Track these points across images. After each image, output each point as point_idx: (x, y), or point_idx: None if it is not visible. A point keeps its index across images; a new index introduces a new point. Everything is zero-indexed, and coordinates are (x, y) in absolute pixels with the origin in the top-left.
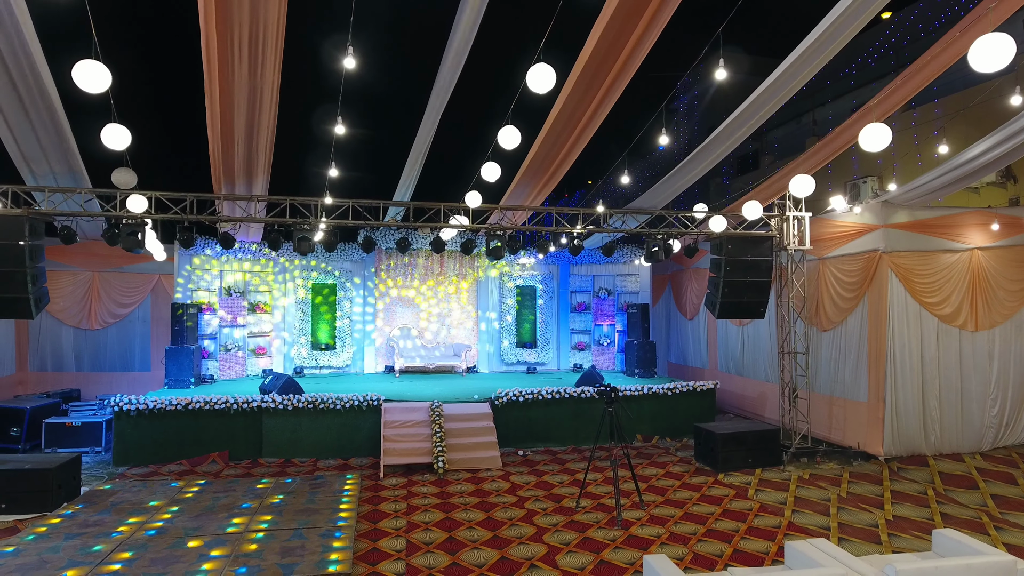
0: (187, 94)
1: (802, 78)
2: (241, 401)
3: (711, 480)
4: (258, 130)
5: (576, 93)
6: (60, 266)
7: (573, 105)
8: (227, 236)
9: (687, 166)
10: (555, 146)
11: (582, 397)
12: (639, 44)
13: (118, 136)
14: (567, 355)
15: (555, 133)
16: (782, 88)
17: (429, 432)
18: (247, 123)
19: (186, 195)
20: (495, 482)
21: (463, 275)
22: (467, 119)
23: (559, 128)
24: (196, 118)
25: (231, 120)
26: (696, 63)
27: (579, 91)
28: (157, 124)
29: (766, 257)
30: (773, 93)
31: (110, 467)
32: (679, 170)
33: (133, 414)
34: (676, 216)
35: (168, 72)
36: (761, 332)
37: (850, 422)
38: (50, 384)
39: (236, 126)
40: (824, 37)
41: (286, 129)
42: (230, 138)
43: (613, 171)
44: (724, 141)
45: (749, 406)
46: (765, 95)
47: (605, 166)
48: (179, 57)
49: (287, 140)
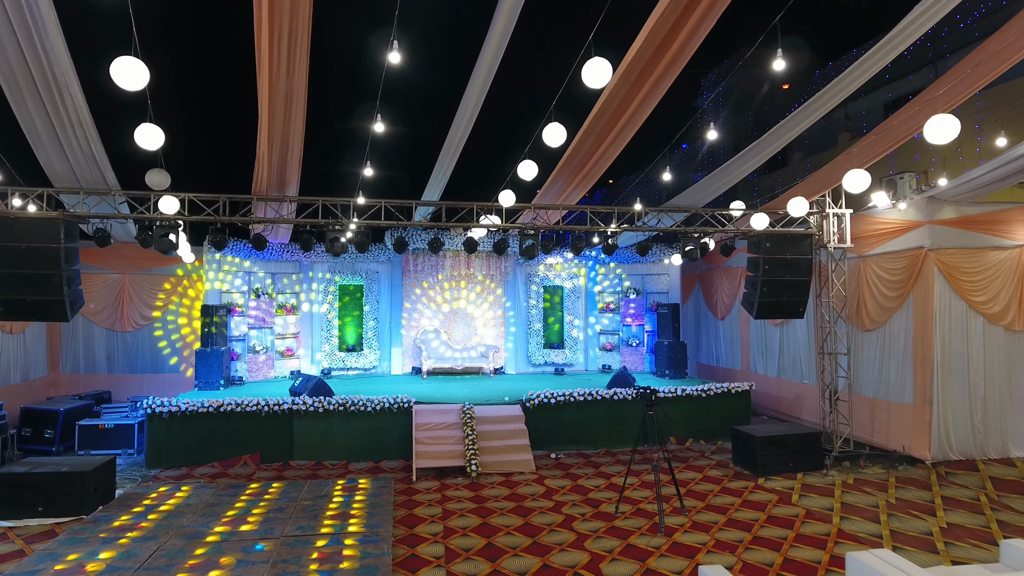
0: (223, 93)
1: (871, 72)
2: (272, 403)
3: (751, 485)
4: (292, 130)
5: (622, 87)
6: (92, 268)
7: (618, 99)
8: (259, 237)
9: (735, 164)
10: (594, 142)
11: (615, 399)
12: (691, 36)
13: (151, 136)
14: (595, 356)
15: (595, 129)
16: (848, 83)
17: (461, 435)
18: (284, 122)
19: (219, 196)
20: (529, 486)
21: (490, 276)
22: (502, 116)
23: (600, 124)
24: (232, 117)
25: (277, 120)
26: (747, 55)
27: (625, 85)
28: (190, 123)
29: (806, 255)
30: (838, 89)
31: (143, 469)
32: (726, 168)
33: (165, 416)
34: (712, 214)
35: (204, 70)
36: (798, 332)
37: (894, 425)
38: (81, 386)
39: (278, 126)
40: (902, 30)
41: (316, 128)
42: (274, 139)
43: (649, 168)
44: (777, 139)
45: (785, 408)
46: (831, 92)
47: (640, 164)
48: (217, 55)
49: (317, 140)
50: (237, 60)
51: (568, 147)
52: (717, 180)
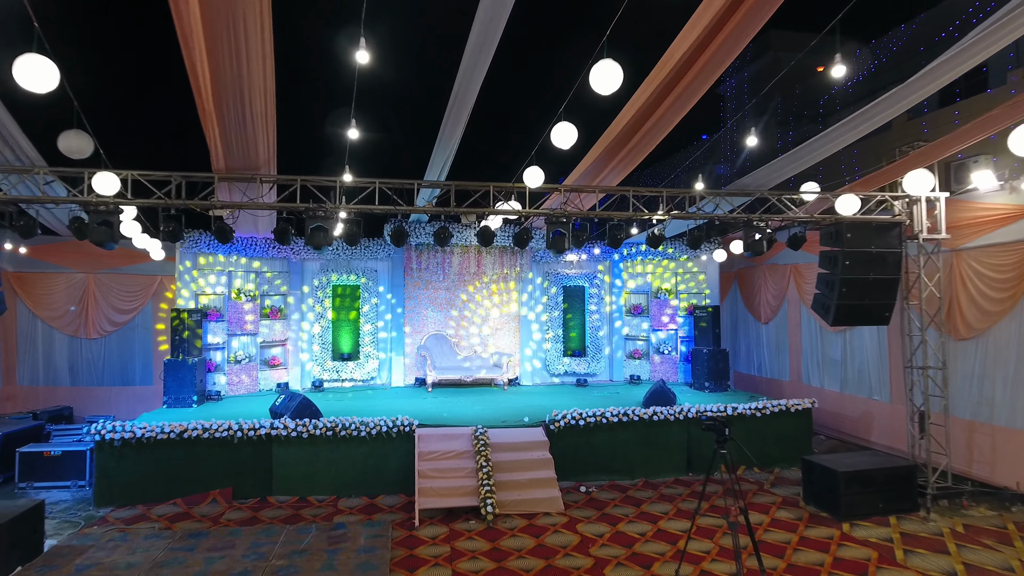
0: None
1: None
2: (247, 428)
3: (836, 533)
4: (250, 86)
5: (701, 17)
6: (51, 267)
7: (690, 53)
8: (223, 227)
9: (823, 139)
10: (655, 100)
11: (654, 420)
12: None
13: (39, 72)
14: (621, 365)
15: (654, 84)
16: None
17: (473, 465)
18: (234, 65)
19: (172, 175)
20: (559, 533)
21: (504, 274)
22: (527, 62)
23: (665, 83)
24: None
25: (221, 70)
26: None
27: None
28: (124, 65)
29: (894, 248)
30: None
31: (91, 508)
32: (810, 144)
33: (117, 444)
34: (779, 197)
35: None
36: (865, 339)
37: (1002, 455)
38: (41, 400)
39: (228, 69)
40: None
41: (291, 89)
42: (224, 91)
43: (717, 137)
44: (881, 111)
45: (848, 428)
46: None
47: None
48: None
49: (294, 105)
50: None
51: (619, 112)
52: (795, 159)
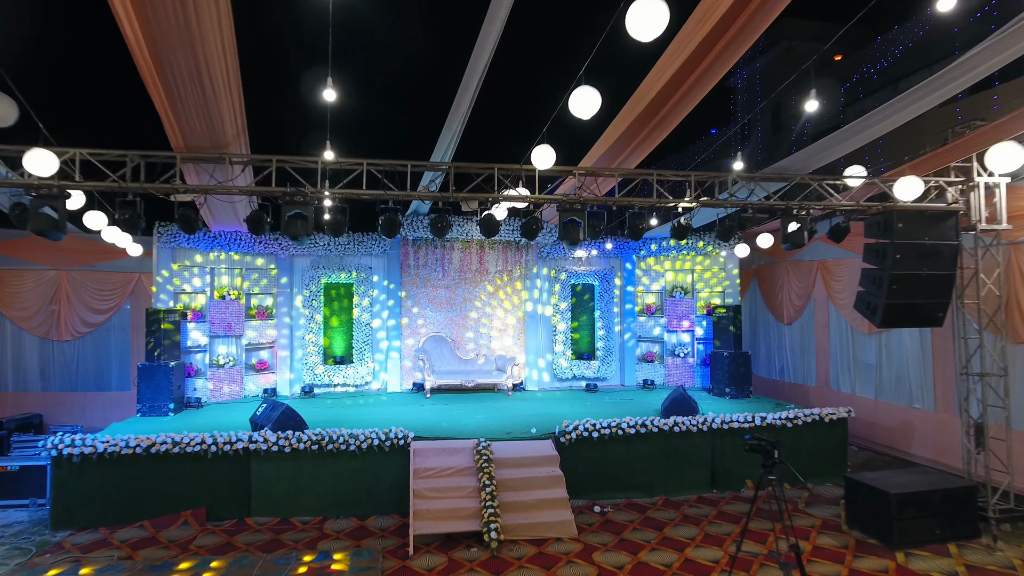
0: None
1: None
2: (222, 441)
3: (891, 564)
4: (203, 43)
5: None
6: (19, 264)
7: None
8: (186, 216)
9: (877, 115)
10: (686, 68)
11: (675, 431)
12: None
13: None
14: (633, 368)
15: (684, 47)
16: None
17: (475, 484)
18: (185, 28)
19: (127, 153)
20: (573, 564)
21: (508, 270)
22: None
23: (691, 39)
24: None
25: (158, 23)
26: None
27: None
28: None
29: (950, 240)
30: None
31: (46, 532)
32: (877, 113)
33: (76, 459)
34: (820, 182)
35: None
36: (904, 341)
37: None
38: (10, 407)
39: (172, 36)
40: None
41: (260, 48)
42: (165, 59)
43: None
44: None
45: (883, 438)
46: None
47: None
48: None
49: (271, 70)
50: None
51: (641, 83)
52: (851, 133)
